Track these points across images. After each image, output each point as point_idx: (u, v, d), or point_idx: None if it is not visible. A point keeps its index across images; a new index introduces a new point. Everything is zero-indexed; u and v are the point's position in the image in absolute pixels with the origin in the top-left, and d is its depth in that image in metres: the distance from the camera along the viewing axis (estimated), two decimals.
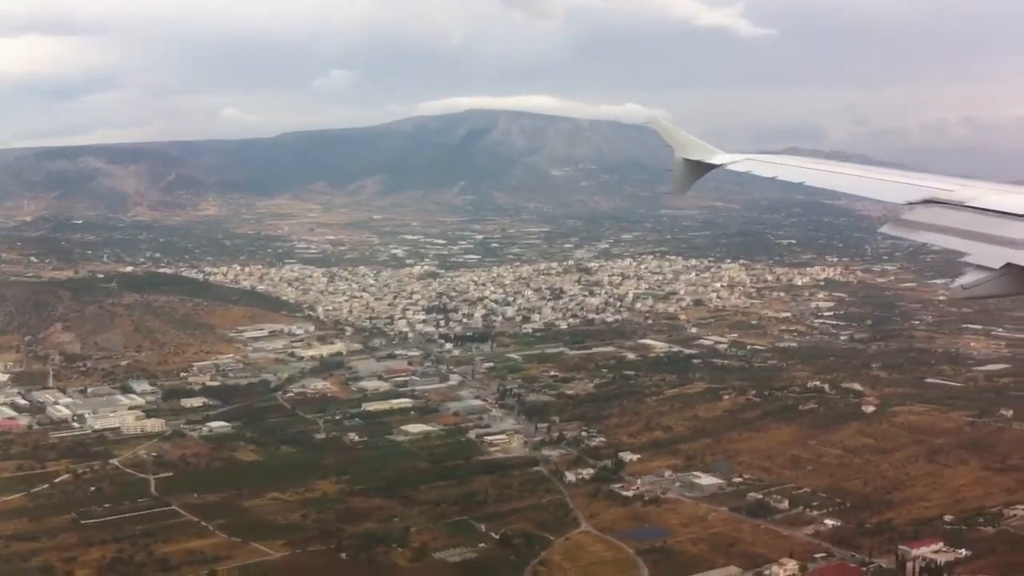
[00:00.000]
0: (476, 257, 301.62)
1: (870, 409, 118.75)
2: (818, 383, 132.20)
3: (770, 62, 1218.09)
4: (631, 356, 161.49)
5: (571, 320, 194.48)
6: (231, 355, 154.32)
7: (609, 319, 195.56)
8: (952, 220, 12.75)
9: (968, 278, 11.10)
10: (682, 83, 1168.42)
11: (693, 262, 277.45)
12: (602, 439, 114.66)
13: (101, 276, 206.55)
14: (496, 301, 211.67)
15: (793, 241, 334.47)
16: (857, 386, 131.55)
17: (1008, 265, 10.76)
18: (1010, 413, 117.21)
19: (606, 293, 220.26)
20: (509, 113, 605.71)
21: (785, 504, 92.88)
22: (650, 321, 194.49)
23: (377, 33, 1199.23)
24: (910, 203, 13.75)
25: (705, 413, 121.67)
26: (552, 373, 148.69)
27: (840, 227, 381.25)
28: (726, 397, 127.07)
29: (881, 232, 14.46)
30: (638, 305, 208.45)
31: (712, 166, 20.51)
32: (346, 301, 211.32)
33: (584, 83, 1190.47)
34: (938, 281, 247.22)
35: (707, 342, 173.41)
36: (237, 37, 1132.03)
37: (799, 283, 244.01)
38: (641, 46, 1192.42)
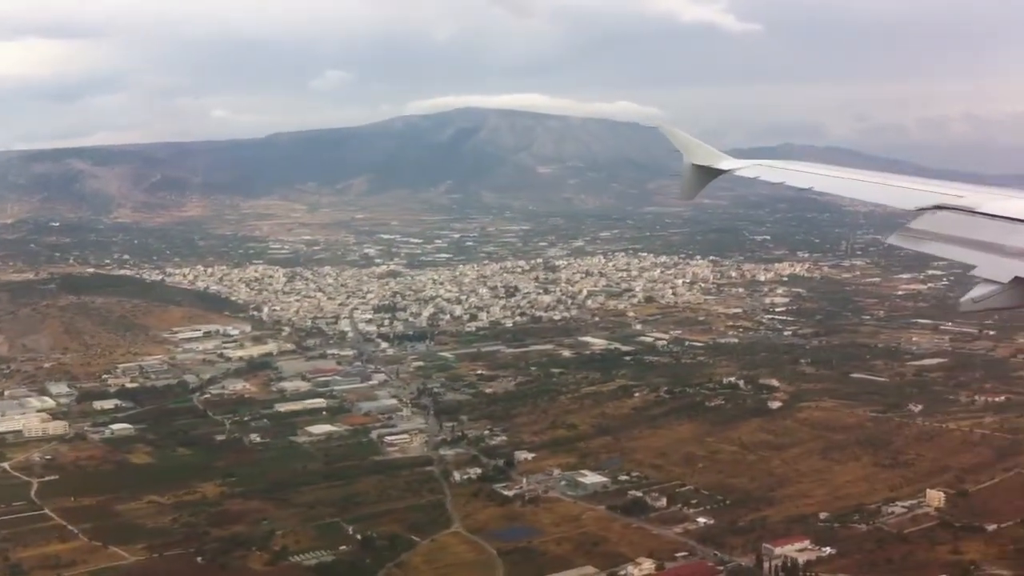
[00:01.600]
0: (447, 256, 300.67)
1: (776, 405, 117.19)
2: (733, 379, 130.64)
3: (762, 58, 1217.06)
4: (566, 354, 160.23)
5: (518, 318, 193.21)
6: (159, 356, 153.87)
7: (557, 317, 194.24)
8: (959, 229, 12.52)
9: (976, 292, 10.83)
10: (674, 80, 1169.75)
11: (663, 259, 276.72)
12: (504, 438, 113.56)
13: (58, 278, 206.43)
14: (448, 300, 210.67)
15: (768, 238, 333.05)
16: (774, 382, 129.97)
17: (1017, 279, 10.60)
18: (919, 408, 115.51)
19: (560, 291, 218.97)
20: (499, 112, 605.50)
21: (663, 502, 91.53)
22: (597, 318, 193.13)
23: (369, 34, 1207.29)
24: (919, 208, 13.58)
25: (613, 411, 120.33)
26: (479, 372, 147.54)
27: (822, 223, 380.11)
28: (637, 394, 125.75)
29: (888, 243, 14.10)
30: (589, 302, 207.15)
31: (721, 171, 20.54)
32: (297, 301, 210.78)
33: (576, 81, 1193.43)
34: (904, 276, 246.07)
35: (647, 339, 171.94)
36: (231, 39, 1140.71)
37: (762, 279, 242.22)
38: (629, 43, 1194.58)
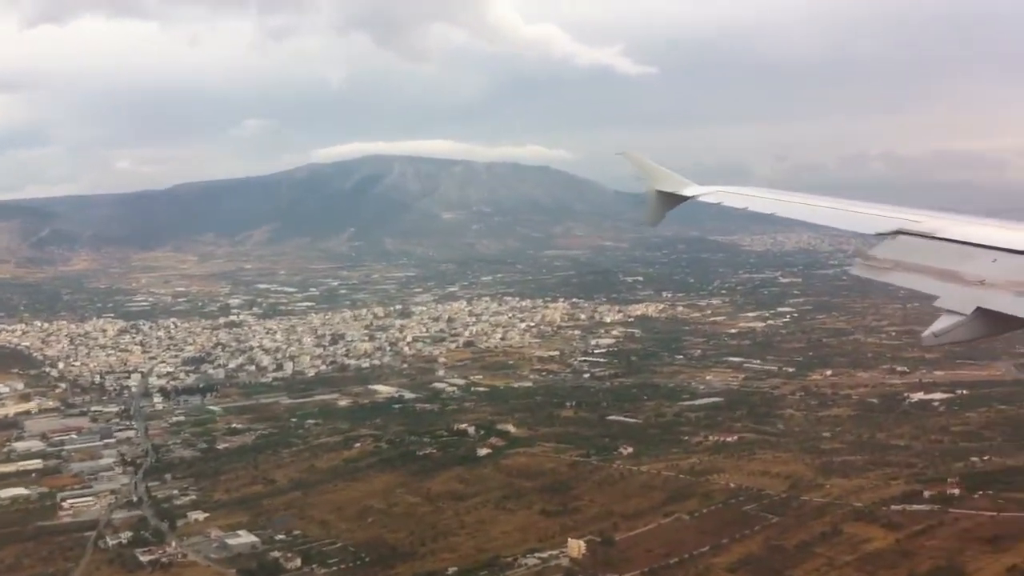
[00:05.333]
0: (310, 304, 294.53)
1: (485, 452, 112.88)
2: (466, 426, 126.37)
3: (671, 101, 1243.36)
4: (342, 403, 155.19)
5: (325, 367, 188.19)
6: None
7: (366, 365, 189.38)
8: (921, 256, 12.42)
9: (939, 325, 10.57)
10: (583, 124, 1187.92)
11: (526, 303, 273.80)
12: (193, 497, 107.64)
13: None
14: (267, 349, 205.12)
15: (640, 279, 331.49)
16: (510, 428, 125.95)
17: (979, 309, 10.47)
18: (629, 451, 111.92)
19: (386, 337, 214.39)
20: (404, 158, 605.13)
21: (297, 563, 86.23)
22: (406, 365, 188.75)
23: (273, 84, 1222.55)
24: (879, 234, 13.55)
25: (324, 463, 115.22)
26: (235, 425, 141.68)
27: (712, 263, 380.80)
28: (357, 445, 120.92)
29: (850, 273, 13.79)
30: (407, 349, 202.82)
31: (684, 198, 20.86)
32: (107, 356, 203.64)
33: (484, 126, 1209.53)
34: (750, 314, 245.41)
35: (440, 385, 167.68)
36: (136, 93, 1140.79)
37: (608, 320, 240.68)
38: (531, 88, 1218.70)
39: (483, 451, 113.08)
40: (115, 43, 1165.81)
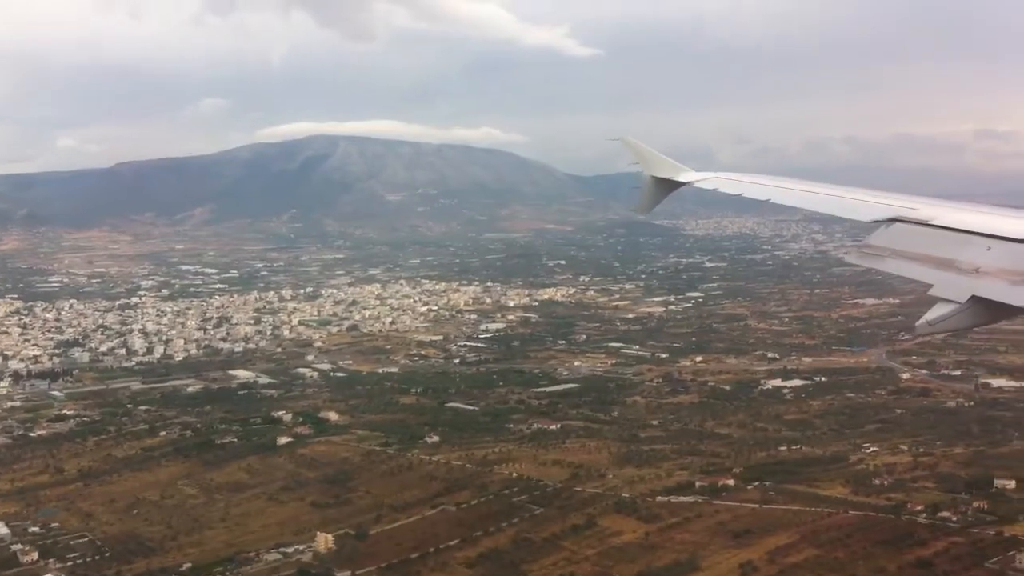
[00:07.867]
0: (222, 287, 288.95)
1: (285, 441, 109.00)
2: (282, 413, 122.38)
3: (620, 84, 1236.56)
4: (191, 389, 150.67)
5: (196, 351, 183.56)
6: None
7: (239, 349, 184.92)
8: (916, 243, 12.29)
9: (933, 313, 10.48)
10: (533, 107, 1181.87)
11: (441, 286, 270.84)
12: None
13: None
14: (145, 332, 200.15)
15: (562, 262, 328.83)
16: (333, 415, 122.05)
17: (974, 298, 10.37)
18: (434, 439, 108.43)
19: (271, 321, 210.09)
20: (349, 138, 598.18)
21: (34, 556, 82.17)
22: (279, 349, 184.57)
23: (219, 63, 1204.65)
24: (875, 221, 13.48)
25: (121, 452, 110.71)
26: (65, 411, 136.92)
27: (646, 247, 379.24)
28: (163, 433, 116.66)
29: (847, 261, 13.63)
30: (287, 332, 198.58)
31: (679, 184, 20.52)
32: None
33: (435, 108, 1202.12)
34: (657, 299, 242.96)
35: (303, 370, 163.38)
36: (82, 69, 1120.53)
37: (511, 304, 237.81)
38: (480, 70, 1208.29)
39: (283, 440, 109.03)
40: (53, 16, 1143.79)
